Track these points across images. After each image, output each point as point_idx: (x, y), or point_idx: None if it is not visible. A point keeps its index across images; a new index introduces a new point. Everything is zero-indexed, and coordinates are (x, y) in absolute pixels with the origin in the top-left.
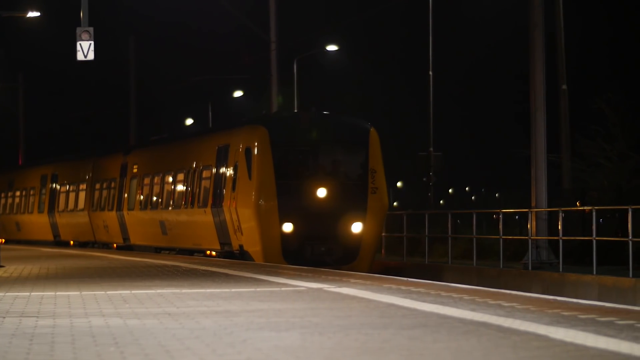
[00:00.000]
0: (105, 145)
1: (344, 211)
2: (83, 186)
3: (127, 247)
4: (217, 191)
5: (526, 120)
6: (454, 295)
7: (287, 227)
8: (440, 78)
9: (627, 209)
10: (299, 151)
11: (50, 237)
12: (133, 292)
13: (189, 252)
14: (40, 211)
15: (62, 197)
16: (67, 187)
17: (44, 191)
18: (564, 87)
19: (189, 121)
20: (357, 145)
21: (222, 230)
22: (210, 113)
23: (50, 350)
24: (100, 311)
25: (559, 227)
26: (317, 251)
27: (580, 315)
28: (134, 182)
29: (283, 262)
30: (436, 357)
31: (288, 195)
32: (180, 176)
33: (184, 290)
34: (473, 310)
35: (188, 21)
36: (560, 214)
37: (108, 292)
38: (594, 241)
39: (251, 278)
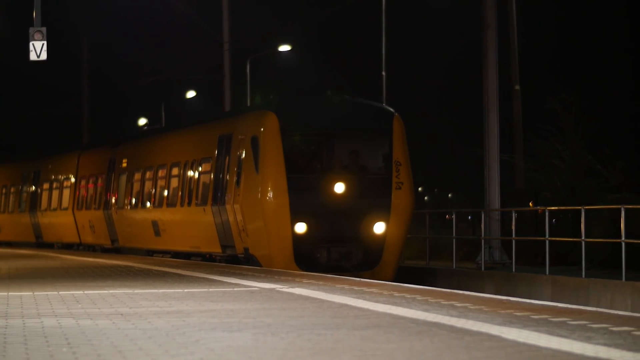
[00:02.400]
0: (54, 145)
1: (365, 209)
2: (67, 183)
3: (115, 250)
4: (219, 187)
5: (480, 120)
6: (407, 295)
7: (300, 228)
8: (393, 78)
9: (580, 209)
10: (314, 140)
11: (32, 239)
12: (86, 292)
13: (186, 256)
14: (21, 210)
15: (45, 195)
16: (50, 184)
17: (25, 189)
18: (517, 87)
19: (142, 121)
20: (380, 134)
21: (224, 231)
22: (163, 113)
23: (3, 351)
24: (53, 311)
25: (512, 227)
26: (334, 255)
27: (533, 316)
28: (123, 177)
29: (295, 267)
30: (389, 358)
31: (301, 191)
32: (176, 170)
33: (136, 291)
34: (426, 310)
35: (142, 21)
36: (514, 214)
37: (61, 293)
38: (547, 241)
39: (204, 278)
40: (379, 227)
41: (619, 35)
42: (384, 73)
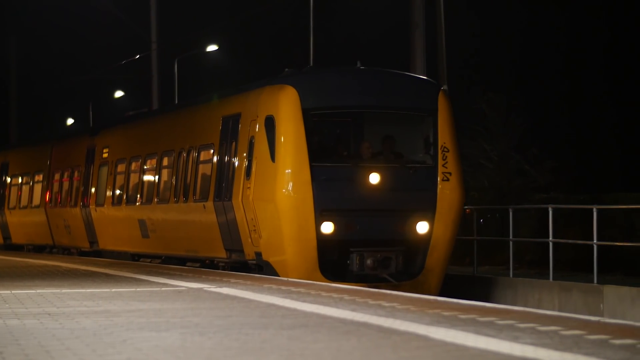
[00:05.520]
0: None
1: (405, 206)
2: (39, 177)
3: (94, 253)
4: (223, 179)
5: None
6: (335, 295)
7: (327, 228)
8: None
9: (507, 209)
10: (343, 122)
11: None
12: (13, 292)
13: (180, 261)
14: None
15: (14, 192)
16: (20, 179)
17: None
18: (444, 87)
19: (70, 121)
20: (423, 114)
21: (229, 232)
22: (91, 113)
23: None
24: None
25: None
26: (368, 262)
27: (460, 315)
28: (104, 170)
29: (319, 277)
30: (316, 357)
31: (327, 184)
32: (168, 160)
33: (64, 290)
34: (353, 310)
35: (69, 21)
36: None
37: None
38: (475, 241)
39: (132, 278)
40: (422, 227)
41: (547, 35)
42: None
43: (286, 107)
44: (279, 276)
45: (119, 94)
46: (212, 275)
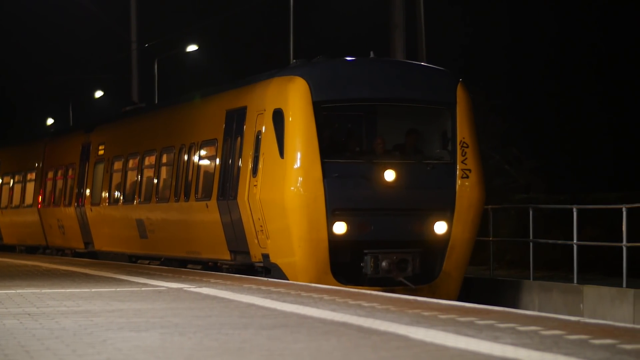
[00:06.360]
0: None
1: (422, 204)
2: (32, 176)
3: (89, 254)
4: (227, 177)
5: None
6: (315, 295)
7: (339, 229)
8: None
9: (488, 209)
10: (356, 116)
11: None
12: None
13: (181, 263)
14: None
15: (5, 191)
16: (12, 177)
17: None
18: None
19: (50, 121)
20: (441, 107)
21: (234, 232)
22: (71, 113)
23: None
24: None
25: None
26: (383, 265)
27: (440, 315)
28: (100, 167)
29: (331, 280)
30: (296, 357)
31: (340, 181)
32: (168, 157)
33: (44, 290)
34: (333, 310)
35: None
36: None
37: None
38: None
39: (111, 278)
40: (441, 227)
41: (528, 35)
42: None
43: (296, 99)
44: (287, 279)
45: (99, 94)
46: (192, 275)
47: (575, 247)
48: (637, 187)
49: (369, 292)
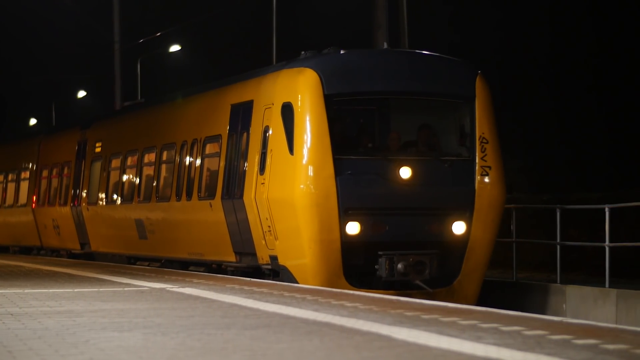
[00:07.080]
0: None
1: (439, 203)
2: (25, 174)
3: (85, 255)
4: (233, 174)
5: None
6: (297, 295)
7: (352, 229)
8: None
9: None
10: (369, 110)
11: None
12: None
13: (182, 265)
14: None
15: None
16: (5, 176)
17: None
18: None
19: (33, 121)
20: (459, 100)
21: (240, 233)
22: (54, 113)
23: None
24: None
25: None
26: (398, 267)
27: (423, 316)
28: (97, 165)
29: (344, 283)
30: (279, 358)
31: (353, 179)
32: (169, 154)
33: (26, 290)
34: (316, 310)
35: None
36: None
37: None
38: None
39: (94, 278)
40: (459, 228)
41: (516, 35)
42: None
43: (306, 92)
44: (297, 283)
45: (81, 94)
46: (175, 275)
47: (558, 247)
48: (620, 187)
49: (351, 292)
